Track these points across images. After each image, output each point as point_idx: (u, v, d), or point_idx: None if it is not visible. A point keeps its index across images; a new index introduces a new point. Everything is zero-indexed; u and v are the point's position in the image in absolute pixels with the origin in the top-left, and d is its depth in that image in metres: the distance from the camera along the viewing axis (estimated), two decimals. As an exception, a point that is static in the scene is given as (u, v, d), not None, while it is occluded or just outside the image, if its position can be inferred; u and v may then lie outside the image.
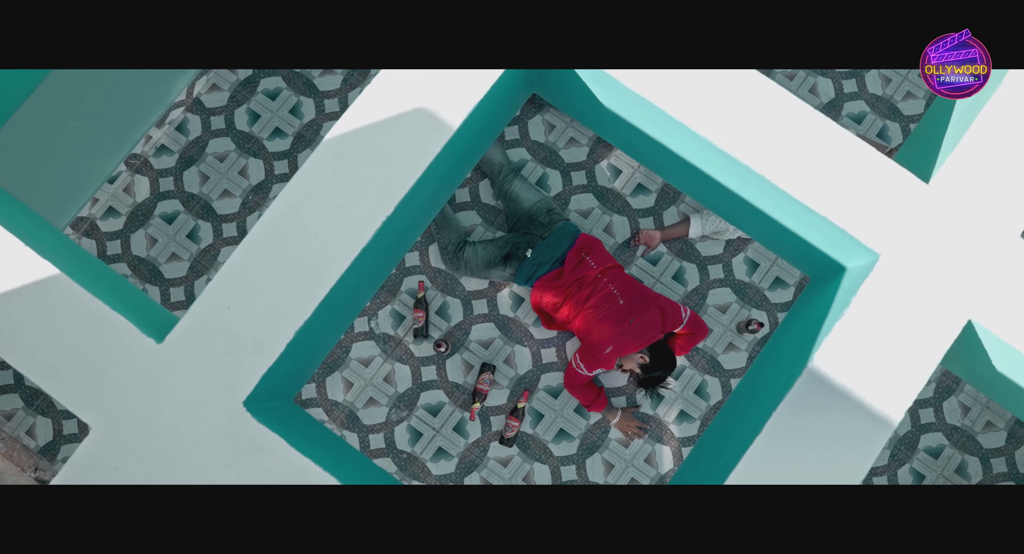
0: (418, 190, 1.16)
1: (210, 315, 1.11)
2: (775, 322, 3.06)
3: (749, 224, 1.39)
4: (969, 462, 3.02)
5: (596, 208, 3.08)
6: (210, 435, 1.09)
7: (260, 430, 1.09)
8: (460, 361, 3.00)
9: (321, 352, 1.39)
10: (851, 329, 1.12)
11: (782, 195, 1.16)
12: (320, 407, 3.02)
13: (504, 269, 2.83)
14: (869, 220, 1.14)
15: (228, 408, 1.10)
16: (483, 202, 3.10)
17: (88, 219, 3.16)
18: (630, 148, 1.45)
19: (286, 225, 1.13)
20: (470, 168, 1.54)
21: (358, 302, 1.38)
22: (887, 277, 1.13)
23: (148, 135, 3.19)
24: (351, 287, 1.21)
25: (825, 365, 1.10)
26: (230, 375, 1.10)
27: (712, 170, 1.24)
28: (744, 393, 1.35)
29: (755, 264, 3.07)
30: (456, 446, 2.96)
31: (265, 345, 1.10)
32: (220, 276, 1.12)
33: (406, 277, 3.05)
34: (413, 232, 1.43)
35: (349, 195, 1.14)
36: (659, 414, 2.98)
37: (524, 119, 3.15)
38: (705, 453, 1.36)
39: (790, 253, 1.41)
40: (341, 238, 1.13)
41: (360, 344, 3.02)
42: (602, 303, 2.67)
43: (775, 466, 1.08)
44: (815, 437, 1.08)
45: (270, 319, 1.11)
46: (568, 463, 2.96)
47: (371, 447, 2.99)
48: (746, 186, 1.22)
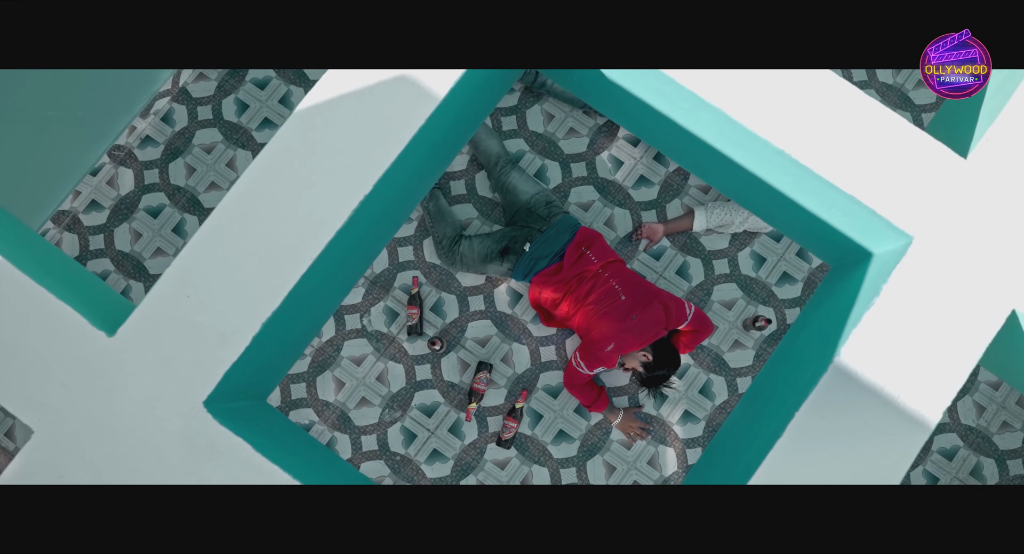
0: (401, 167, 1.05)
1: (167, 305, 1.00)
2: (783, 319, 2.96)
3: (764, 206, 1.28)
4: (985, 464, 2.91)
5: (597, 201, 2.99)
6: (166, 439, 0.98)
7: (222, 433, 0.97)
8: (456, 360, 2.92)
9: (295, 347, 1.27)
10: (882, 320, 1.01)
11: (803, 172, 1.04)
12: (310, 407, 2.92)
13: (501, 264, 2.76)
14: (901, 199, 1.03)
15: (187, 409, 0.99)
16: (479, 194, 3.01)
17: (70, 213, 3.05)
18: (633, 123, 1.33)
19: (252, 205, 1.02)
20: (462, 144, 1.42)
21: (336, 292, 1.27)
22: (921, 262, 1.02)
23: (132, 125, 3.09)
24: (327, 275, 1.10)
25: (853, 360, 0.99)
26: (189, 372, 0.99)
27: (725, 146, 1.13)
28: (761, 391, 1.24)
29: (762, 259, 2.97)
30: (452, 448, 2.89)
31: (228, 338, 0.99)
32: (178, 262, 1.01)
33: (400, 273, 2.96)
34: (398, 214, 1.31)
35: (323, 172, 1.03)
36: (662, 414, 2.90)
37: (522, 109, 3.06)
38: (720, 454, 1.25)
39: (809, 239, 1.30)
40: (314, 219, 1.02)
41: (352, 342, 2.93)
42: (603, 299, 2.60)
43: (800, 468, 0.97)
44: (844, 438, 0.97)
45: (234, 309, 1.00)
46: (568, 465, 2.87)
47: (363, 449, 2.89)
48: (763, 163, 1.11)
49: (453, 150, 1.32)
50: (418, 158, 1.11)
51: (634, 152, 3.05)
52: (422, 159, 1.13)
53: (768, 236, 3.00)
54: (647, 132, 1.32)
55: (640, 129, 1.33)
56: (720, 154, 1.15)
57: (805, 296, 2.97)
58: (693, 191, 3.03)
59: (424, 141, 1.07)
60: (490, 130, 2.97)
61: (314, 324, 1.29)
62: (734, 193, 1.32)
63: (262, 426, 1.12)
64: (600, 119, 3.06)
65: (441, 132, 1.13)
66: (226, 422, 0.99)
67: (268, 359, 1.11)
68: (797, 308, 2.97)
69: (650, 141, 1.40)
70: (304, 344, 1.35)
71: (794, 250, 3.00)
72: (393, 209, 1.22)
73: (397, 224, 1.41)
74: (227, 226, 1.02)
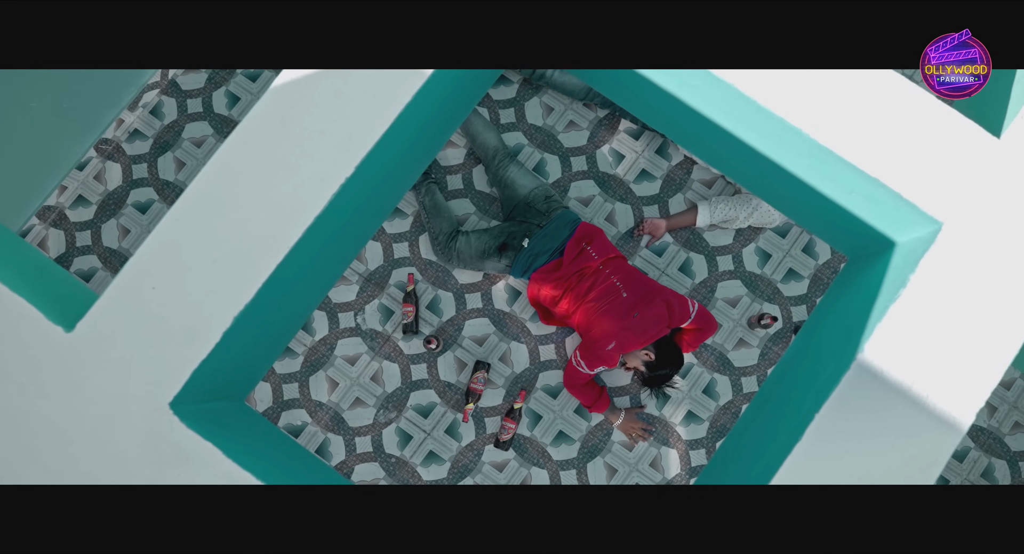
0: (386, 148, 0.97)
1: (130, 298, 0.92)
2: (789, 316, 2.89)
3: (777, 193, 1.20)
4: (996, 465, 2.83)
5: (597, 195, 2.93)
6: (129, 443, 0.90)
7: (189, 437, 0.89)
8: (452, 359, 2.87)
9: (274, 344, 1.19)
10: (908, 313, 0.92)
11: (822, 153, 0.96)
12: (303, 408, 2.85)
13: (499, 260, 2.71)
14: (929, 182, 0.95)
15: (151, 410, 0.91)
16: (477, 189, 2.95)
17: (56, 208, 2.98)
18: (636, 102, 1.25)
19: (224, 189, 0.94)
20: (454, 125, 1.34)
21: (319, 284, 1.19)
22: (952, 250, 0.94)
23: (120, 119, 3.02)
24: (307, 265, 1.02)
25: (878, 357, 0.91)
26: (154, 370, 0.91)
27: (735, 125, 1.05)
28: (776, 391, 1.15)
29: (767, 255, 2.90)
30: (448, 450, 2.83)
31: (197, 334, 0.91)
32: (143, 251, 0.93)
33: (395, 269, 2.89)
34: (385, 201, 1.23)
35: (301, 152, 0.95)
36: (665, 415, 2.85)
37: (520, 101, 2.99)
38: (732, 457, 1.16)
39: (826, 228, 1.22)
40: (291, 204, 0.94)
41: (346, 341, 2.86)
42: (604, 296, 2.55)
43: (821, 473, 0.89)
44: (868, 441, 0.89)
45: (203, 303, 0.92)
46: (568, 468, 2.81)
47: (357, 451, 2.82)
48: (777, 144, 1.02)
49: (445, 131, 1.24)
50: (406, 139, 1.02)
51: (636, 146, 2.98)
52: (410, 140, 1.05)
53: (774, 231, 2.93)
54: (653, 114, 1.24)
55: (644, 110, 1.25)
56: (729, 135, 1.07)
57: (811, 293, 2.90)
58: (696, 185, 2.96)
59: (412, 120, 0.99)
60: (488, 123, 2.91)
61: (295, 319, 1.21)
62: (744, 178, 1.24)
63: (237, 430, 1.04)
64: (600, 112, 2.99)
65: (431, 110, 1.05)
66: (195, 425, 0.90)
67: (243, 357, 1.03)
68: (803, 306, 2.90)
69: (655, 123, 1.32)
70: (284, 341, 1.27)
71: (800, 246, 2.93)
72: (379, 195, 1.13)
73: (385, 212, 1.33)
74: (196, 212, 0.94)
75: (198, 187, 0.94)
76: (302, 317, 1.26)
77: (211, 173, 0.94)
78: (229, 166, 0.94)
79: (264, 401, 2.88)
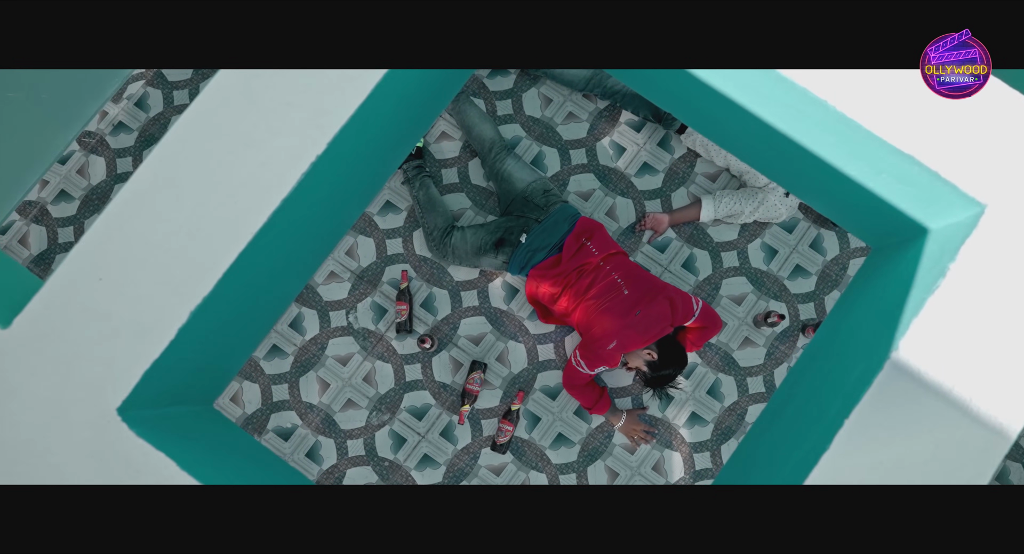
0: (363, 122, 0.87)
1: (74, 290, 0.82)
2: (796, 314, 2.80)
3: (796, 175, 1.10)
4: (1012, 469, 2.74)
5: (598, 189, 2.86)
6: (71, 453, 0.80)
7: (140, 447, 0.79)
8: (448, 359, 2.82)
9: (243, 342, 1.09)
10: (947, 306, 0.83)
11: (849, 128, 0.86)
12: (293, 410, 2.77)
13: (496, 256, 2.66)
14: (971, 160, 0.85)
15: (97, 416, 0.81)
16: (473, 183, 2.89)
17: (38, 204, 2.89)
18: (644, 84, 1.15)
19: (180, 168, 0.84)
20: (441, 101, 1.24)
21: (291, 276, 1.09)
22: (996, 235, 0.84)
23: (104, 111, 2.93)
24: (275, 254, 0.91)
25: (915, 354, 0.81)
26: (100, 372, 0.81)
27: (749, 99, 0.95)
28: (796, 394, 1.05)
29: (773, 251, 2.82)
30: (443, 453, 2.78)
31: (148, 331, 0.81)
32: (89, 237, 0.83)
33: (388, 266, 2.82)
34: (365, 183, 1.13)
35: (267, 128, 0.85)
36: (668, 417, 2.80)
37: (518, 92, 2.91)
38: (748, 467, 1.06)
39: (848, 214, 1.12)
40: (255, 185, 0.84)
41: (337, 340, 2.79)
42: (605, 293, 2.50)
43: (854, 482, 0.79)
44: (904, 450, 0.79)
45: (155, 295, 0.82)
46: (568, 471, 2.75)
47: (349, 454, 2.74)
48: (798, 119, 0.92)
49: (432, 105, 1.14)
50: (385, 113, 0.92)
51: (637, 138, 2.90)
52: (391, 115, 0.95)
53: (780, 226, 2.85)
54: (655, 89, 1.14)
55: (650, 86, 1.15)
56: (743, 110, 0.97)
57: (819, 290, 2.81)
58: (700, 179, 2.88)
59: (392, 92, 0.89)
60: (484, 114, 2.83)
61: (266, 315, 1.11)
62: (759, 159, 1.14)
63: (200, 439, 0.94)
64: (601, 103, 2.90)
65: (413, 83, 0.95)
66: (146, 433, 0.81)
67: (205, 356, 0.93)
68: (811, 303, 2.81)
69: (658, 100, 1.22)
70: (256, 338, 1.17)
71: (808, 241, 2.84)
72: (358, 177, 1.03)
73: (366, 197, 1.23)
74: (148, 194, 0.84)
75: (151, 166, 0.84)
76: (275, 312, 1.16)
77: (165, 151, 0.84)
78: (186, 143, 0.84)
79: (253, 403, 2.80)
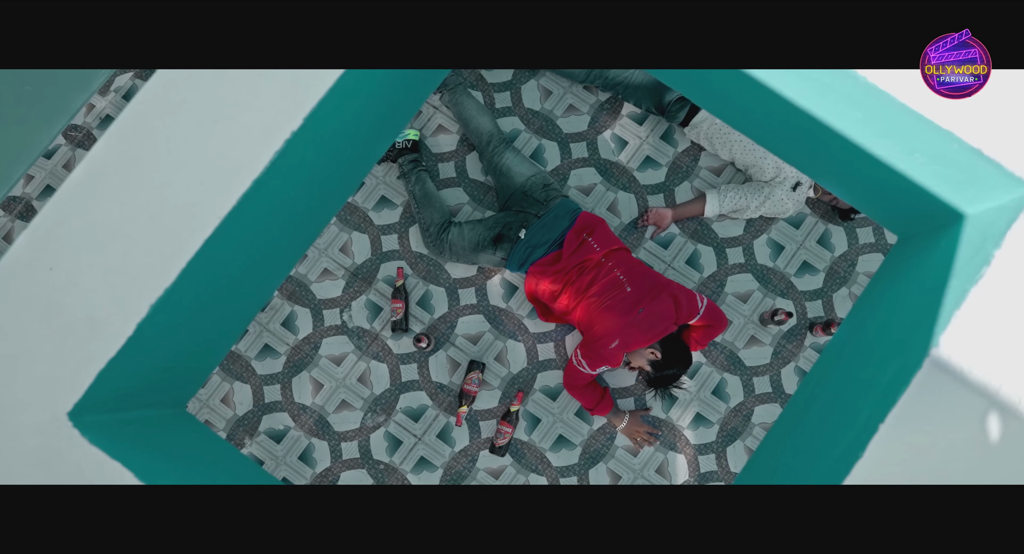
0: (344, 97, 0.79)
1: (21, 281, 0.74)
2: (803, 312, 2.72)
3: (816, 157, 1.01)
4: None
5: (599, 184, 2.81)
6: (15, 462, 0.72)
7: (93, 456, 0.71)
8: (445, 358, 2.77)
9: (215, 339, 1.01)
10: (994, 297, 0.74)
11: (881, 101, 0.78)
12: (285, 411, 2.70)
13: (494, 253, 2.60)
14: (1017, 137, 0.76)
15: (46, 422, 0.73)
16: (470, 177, 2.83)
17: (23, 199, 2.81)
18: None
19: (141, 146, 0.76)
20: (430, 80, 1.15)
21: (270, 267, 1.00)
22: (1045, 219, 0.75)
23: (91, 104, 2.85)
24: (247, 242, 0.83)
25: (957, 351, 0.73)
26: (49, 372, 0.73)
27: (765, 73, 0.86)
28: (820, 395, 0.97)
29: (780, 247, 2.76)
30: (440, 455, 2.73)
31: (104, 326, 0.73)
32: (38, 222, 0.74)
33: (383, 263, 2.75)
34: (349, 166, 1.04)
35: (236, 101, 0.76)
36: (672, 418, 2.75)
37: (517, 84, 2.85)
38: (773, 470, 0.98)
39: (875, 200, 1.04)
40: (223, 165, 0.76)
41: (331, 339, 2.73)
42: (607, 291, 2.46)
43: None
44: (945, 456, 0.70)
45: (113, 287, 0.74)
46: (569, 474, 2.71)
47: (343, 457, 2.67)
48: (823, 93, 0.84)
49: (419, 87, 1.06)
50: (368, 90, 0.84)
51: (640, 131, 2.83)
52: (374, 91, 0.87)
53: (787, 222, 2.78)
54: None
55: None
56: (758, 83, 0.89)
57: (827, 287, 2.74)
58: (704, 173, 2.81)
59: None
60: (482, 107, 2.76)
61: (242, 308, 1.02)
62: (777, 140, 1.05)
63: (168, 446, 0.85)
64: (602, 95, 2.83)
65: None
66: (102, 441, 0.72)
67: (171, 354, 0.85)
68: (819, 300, 2.74)
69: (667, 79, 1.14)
70: (231, 334, 1.09)
71: (815, 237, 2.77)
72: (340, 155, 0.95)
73: (350, 178, 1.15)
74: (105, 174, 0.76)
75: (108, 144, 0.76)
76: (254, 305, 1.08)
77: (125, 127, 0.76)
78: (147, 118, 0.76)
79: (244, 404, 2.72)
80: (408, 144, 2.76)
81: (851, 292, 2.77)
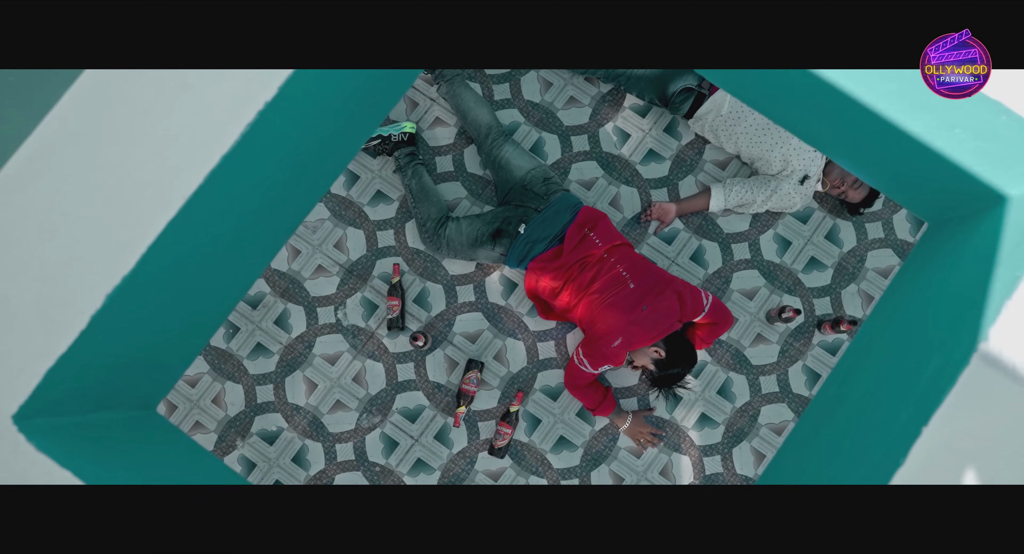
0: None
1: (-38, 268, 0.66)
2: (811, 309, 2.67)
3: (843, 136, 0.94)
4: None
5: (601, 178, 2.76)
6: (-47, 473, 0.64)
7: (40, 464, 0.63)
8: (442, 357, 2.71)
9: (187, 333, 0.93)
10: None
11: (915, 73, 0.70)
12: (278, 412, 2.64)
13: (493, 248, 2.56)
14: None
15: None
16: (468, 171, 2.79)
17: (8, 194, 2.72)
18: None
19: (99, 118, 0.68)
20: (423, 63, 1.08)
21: (244, 253, 0.92)
22: (1105, 199, 0.68)
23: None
24: (218, 225, 0.75)
25: (1009, 345, 0.65)
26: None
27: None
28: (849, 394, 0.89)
29: (786, 242, 2.70)
30: (438, 457, 2.68)
31: (54, 319, 0.65)
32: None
33: (379, 260, 2.70)
34: (332, 144, 0.96)
35: (204, 68, 0.68)
36: (676, 418, 2.69)
37: (516, 75, 2.79)
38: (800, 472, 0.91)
39: (907, 182, 0.96)
40: (190, 139, 0.68)
41: (325, 338, 2.68)
42: (609, 287, 2.41)
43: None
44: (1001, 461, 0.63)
45: (64, 275, 0.66)
46: (570, 476, 2.66)
47: (338, 459, 2.61)
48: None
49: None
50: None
51: (642, 123, 2.77)
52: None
53: (793, 216, 2.71)
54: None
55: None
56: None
57: (835, 284, 2.68)
58: (709, 166, 2.75)
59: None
60: (480, 99, 2.70)
61: (215, 299, 0.94)
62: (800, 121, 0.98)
63: (131, 452, 0.78)
64: (604, 87, 2.76)
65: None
66: (50, 447, 0.65)
67: (132, 350, 0.77)
68: (827, 297, 2.68)
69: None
70: (206, 329, 1.01)
71: (823, 232, 2.70)
72: (323, 134, 0.87)
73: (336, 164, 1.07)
74: (56, 150, 0.68)
75: (59, 115, 0.68)
76: (229, 297, 1.00)
77: (77, 96, 0.68)
78: (103, 86, 0.68)
79: (236, 405, 2.66)
80: (404, 137, 2.69)
81: (860, 289, 2.70)
